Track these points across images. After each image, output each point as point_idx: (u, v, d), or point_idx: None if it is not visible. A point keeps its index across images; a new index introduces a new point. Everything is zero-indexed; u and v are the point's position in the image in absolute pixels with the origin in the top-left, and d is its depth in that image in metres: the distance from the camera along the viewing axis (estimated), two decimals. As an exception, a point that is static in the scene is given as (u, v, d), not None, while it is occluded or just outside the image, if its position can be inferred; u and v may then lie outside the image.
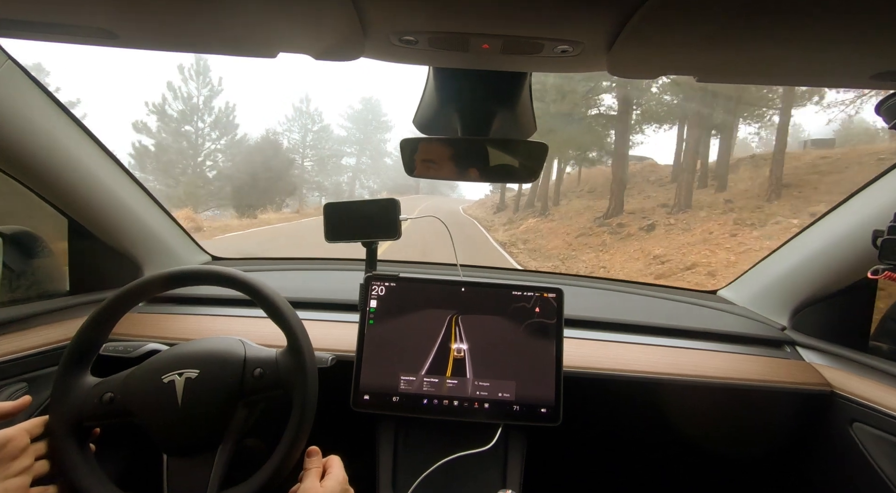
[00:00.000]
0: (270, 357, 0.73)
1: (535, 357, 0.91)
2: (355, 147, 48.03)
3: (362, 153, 48.43)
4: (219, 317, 1.11)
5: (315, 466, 0.68)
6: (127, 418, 0.68)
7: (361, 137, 48.33)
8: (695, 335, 1.14)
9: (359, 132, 48.08)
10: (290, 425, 0.68)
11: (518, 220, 19.77)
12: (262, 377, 0.70)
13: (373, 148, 48.96)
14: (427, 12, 0.49)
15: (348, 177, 47.45)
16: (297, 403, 0.69)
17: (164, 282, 0.74)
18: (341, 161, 45.46)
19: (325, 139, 39.90)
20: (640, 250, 10.81)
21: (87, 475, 0.65)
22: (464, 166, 0.86)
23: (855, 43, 0.49)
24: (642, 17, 0.46)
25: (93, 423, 0.68)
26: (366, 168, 49.45)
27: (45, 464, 0.65)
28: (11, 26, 0.56)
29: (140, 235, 1.16)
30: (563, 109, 14.67)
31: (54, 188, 0.97)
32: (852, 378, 0.98)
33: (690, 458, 1.17)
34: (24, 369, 0.90)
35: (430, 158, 0.87)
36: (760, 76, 0.63)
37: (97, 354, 0.73)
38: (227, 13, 0.50)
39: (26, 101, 0.85)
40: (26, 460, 0.61)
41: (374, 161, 49.88)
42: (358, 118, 48.20)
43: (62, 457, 0.65)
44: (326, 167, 40.56)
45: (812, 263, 1.09)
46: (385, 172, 50.54)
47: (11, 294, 1.04)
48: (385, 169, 50.54)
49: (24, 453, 0.61)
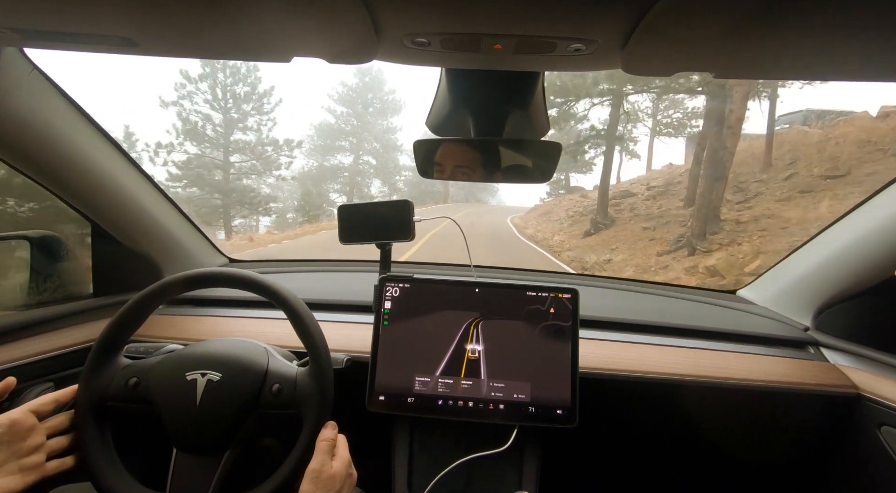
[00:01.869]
0: (290, 375, 0.74)
1: (550, 358, 0.90)
2: (349, 140, 33.86)
3: (360, 147, 34.25)
4: (236, 318, 1.13)
5: (327, 438, 0.68)
6: (147, 406, 0.70)
7: (358, 125, 33.77)
8: (714, 336, 1.12)
9: (355, 119, 33.62)
10: (298, 446, 0.69)
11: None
12: (279, 394, 0.72)
13: (377, 140, 34.64)
14: (439, 14, 0.49)
15: (340, 183, 33.82)
16: (306, 427, 0.70)
17: (185, 283, 0.76)
18: (328, 161, 33.32)
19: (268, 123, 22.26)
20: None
21: (99, 454, 0.67)
22: (477, 167, 0.86)
23: (877, 36, 0.47)
24: (658, 14, 0.45)
25: (115, 404, 0.71)
26: (368, 170, 35.36)
27: (62, 440, 0.67)
28: (37, 37, 0.58)
29: (160, 238, 1.19)
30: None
31: (78, 194, 0.99)
32: (880, 380, 0.95)
33: (709, 461, 1.15)
34: (50, 370, 0.92)
35: (444, 159, 0.87)
36: (781, 71, 0.61)
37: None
38: (243, 20, 0.51)
39: (51, 108, 0.87)
40: (37, 438, 0.63)
41: (381, 159, 35.33)
42: (352, 99, 33.37)
43: (80, 432, 0.68)
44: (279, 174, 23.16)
45: (836, 261, 1.06)
46: (394, 173, 36.83)
47: (39, 297, 1.07)
48: (395, 169, 36.67)
49: (33, 431, 0.63)
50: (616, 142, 17.99)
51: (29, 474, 0.61)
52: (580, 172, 29.12)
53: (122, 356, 0.75)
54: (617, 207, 15.32)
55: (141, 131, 44.04)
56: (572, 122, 15.25)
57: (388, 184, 36.36)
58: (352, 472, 0.70)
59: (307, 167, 33.14)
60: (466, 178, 0.88)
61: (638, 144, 22.71)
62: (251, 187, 22.57)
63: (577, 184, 30.84)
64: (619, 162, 26.22)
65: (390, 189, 36.62)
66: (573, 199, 23.14)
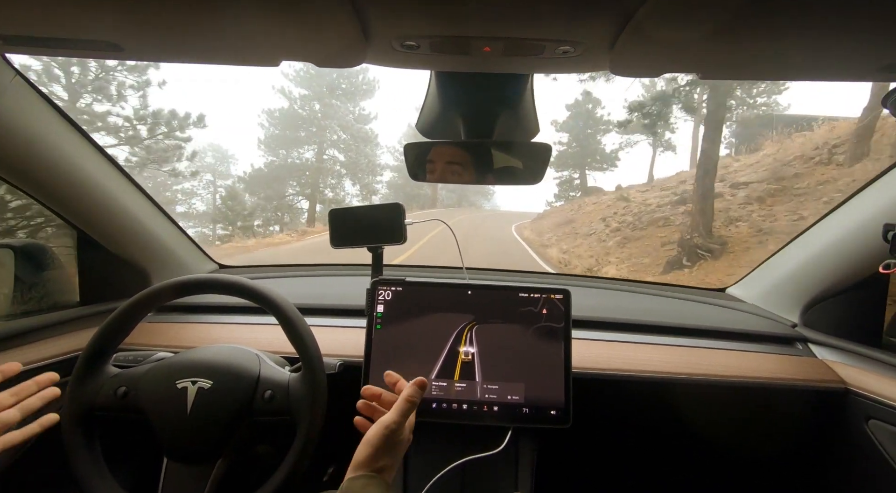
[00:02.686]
0: (283, 381, 0.73)
1: (543, 359, 0.90)
2: (309, 131, 25.80)
3: (326, 139, 26.11)
4: (226, 325, 1.12)
5: (412, 398, 0.67)
6: (137, 415, 0.69)
7: (321, 111, 25.69)
8: (705, 334, 1.13)
9: (317, 102, 25.67)
10: (292, 452, 0.68)
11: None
12: (271, 401, 0.71)
13: (345, 129, 26.42)
14: (428, 18, 0.49)
15: (303, 184, 25.88)
16: (300, 434, 0.69)
17: (175, 290, 0.75)
18: (285, 156, 25.82)
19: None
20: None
21: (87, 464, 0.66)
22: (468, 169, 0.86)
23: (861, 35, 0.48)
24: (644, 16, 0.46)
25: (104, 414, 0.69)
26: (334, 167, 27.04)
27: (12, 412, 0.63)
28: (20, 42, 0.57)
29: (148, 245, 1.17)
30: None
31: (63, 200, 0.98)
32: (867, 375, 0.96)
33: (702, 458, 1.16)
34: None
35: (435, 161, 0.87)
36: (765, 72, 0.63)
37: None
38: (230, 24, 0.51)
39: (35, 114, 0.86)
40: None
41: (352, 154, 26.87)
42: (313, 80, 25.30)
43: (68, 441, 0.67)
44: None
45: (822, 258, 1.08)
46: (369, 171, 28.59)
47: (24, 306, 1.05)
48: (369, 167, 28.34)
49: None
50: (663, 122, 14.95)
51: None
52: (600, 168, 25.59)
53: (110, 365, 0.74)
54: (687, 214, 10.22)
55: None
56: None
57: (362, 184, 28.76)
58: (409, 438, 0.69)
59: (267, 165, 25.81)
60: (457, 180, 0.89)
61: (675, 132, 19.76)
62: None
63: (595, 183, 26.32)
64: (651, 156, 23.61)
65: (365, 191, 29.04)
66: (604, 203, 17.25)
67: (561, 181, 27.27)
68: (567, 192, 26.82)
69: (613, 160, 25.75)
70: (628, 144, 24.76)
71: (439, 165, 0.87)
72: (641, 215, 12.90)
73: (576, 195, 25.64)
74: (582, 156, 26.07)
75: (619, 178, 69.76)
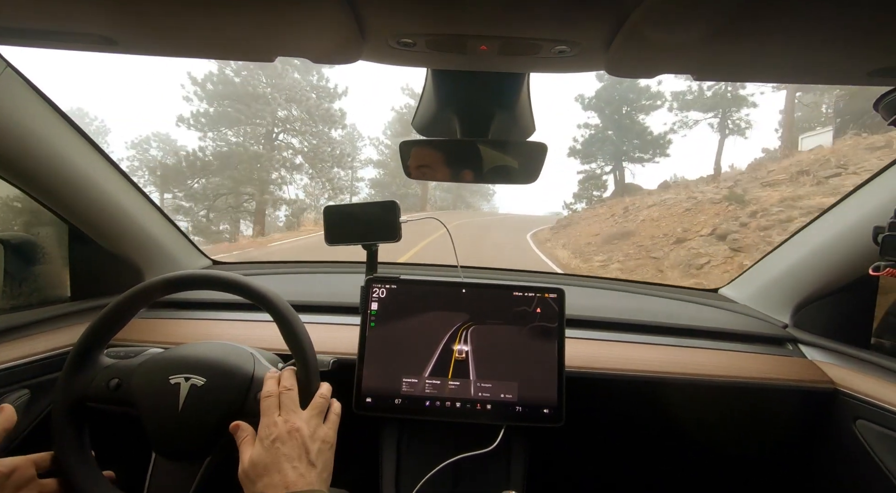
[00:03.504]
0: None
1: (536, 358, 0.90)
2: (248, 106, 19.15)
3: (265, 116, 19.52)
4: (219, 321, 1.11)
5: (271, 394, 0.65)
6: (127, 408, 0.69)
7: (269, 83, 19.85)
8: (697, 334, 1.14)
9: (260, 70, 19.40)
10: None
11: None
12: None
13: (300, 104, 20.12)
14: (425, 15, 0.49)
15: (237, 180, 18.67)
16: None
17: (166, 286, 0.74)
18: (214, 140, 18.81)
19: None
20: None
21: (74, 455, 0.66)
22: (463, 168, 0.87)
23: (852, 40, 0.49)
24: (640, 17, 0.46)
25: (95, 405, 0.69)
26: (285, 159, 20.12)
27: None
28: (11, 34, 0.56)
29: (140, 240, 1.16)
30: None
31: (54, 195, 0.97)
32: (855, 375, 0.98)
33: (694, 457, 1.17)
34: (26, 376, 0.90)
35: (430, 160, 0.87)
36: (758, 74, 0.63)
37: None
38: (225, 18, 0.51)
39: (26, 108, 0.85)
40: (31, 492, 0.61)
41: (312, 139, 20.86)
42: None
43: (56, 431, 0.66)
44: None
45: (813, 260, 1.09)
46: (342, 164, 22.24)
47: (13, 301, 1.04)
48: (334, 160, 21.57)
49: (29, 484, 0.60)
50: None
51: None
52: (640, 159, 18.89)
53: (103, 356, 0.73)
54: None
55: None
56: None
57: (326, 180, 21.00)
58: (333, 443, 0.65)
59: (190, 155, 18.37)
60: (452, 179, 0.89)
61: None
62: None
63: (634, 180, 19.96)
64: (717, 140, 16.79)
65: (331, 191, 21.32)
66: (679, 206, 12.08)
67: (586, 177, 20.55)
68: (589, 191, 20.20)
69: (663, 147, 18.84)
70: (684, 124, 18.09)
71: (434, 163, 0.87)
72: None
73: (600, 195, 19.70)
74: (617, 142, 19.42)
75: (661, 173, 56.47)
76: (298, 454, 0.58)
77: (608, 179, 20.59)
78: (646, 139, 19.15)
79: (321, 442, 0.61)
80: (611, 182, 20.67)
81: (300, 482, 0.55)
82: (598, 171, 20.67)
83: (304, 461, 0.58)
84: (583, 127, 20.46)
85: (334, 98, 21.61)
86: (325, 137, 21.64)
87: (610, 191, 20.32)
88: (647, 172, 23.72)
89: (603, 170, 20.47)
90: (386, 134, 31.05)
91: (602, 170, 20.46)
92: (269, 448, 0.58)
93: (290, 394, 0.65)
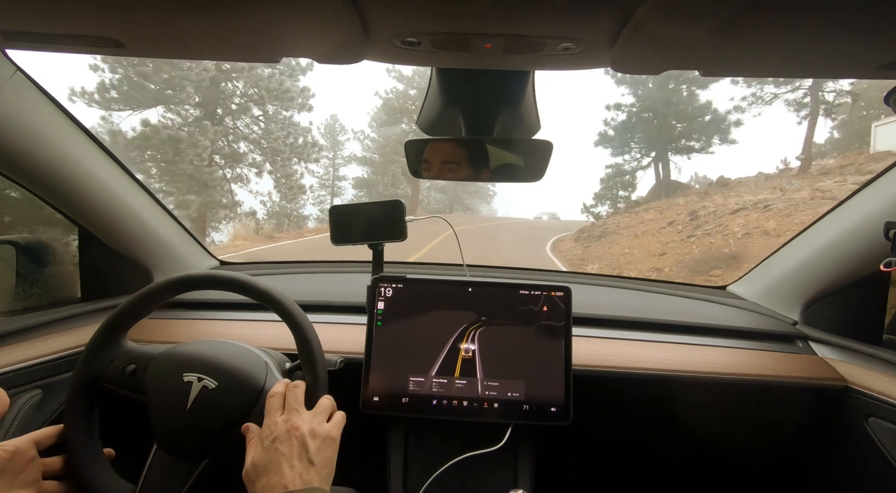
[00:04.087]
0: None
1: (543, 356, 0.90)
2: (171, 75, 13.98)
3: (194, 96, 14.32)
4: (227, 321, 1.12)
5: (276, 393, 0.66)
6: (139, 395, 0.71)
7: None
8: (705, 332, 1.13)
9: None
10: None
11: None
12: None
13: (248, 83, 15.51)
14: (429, 14, 0.49)
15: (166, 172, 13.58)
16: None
17: (175, 286, 0.75)
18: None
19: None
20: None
21: (81, 432, 0.68)
22: (469, 166, 0.87)
23: (861, 33, 0.48)
24: (645, 14, 0.46)
25: (109, 387, 0.71)
26: (230, 151, 15.43)
27: (54, 484, 0.65)
28: (21, 38, 0.57)
29: (149, 241, 1.17)
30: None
31: (64, 197, 0.98)
32: (867, 372, 0.96)
33: (702, 456, 1.16)
34: (38, 376, 0.91)
35: (435, 158, 0.87)
36: (766, 69, 0.62)
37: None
38: (231, 21, 0.51)
39: (36, 111, 0.86)
40: (34, 472, 0.61)
41: (269, 126, 16.26)
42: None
43: (68, 405, 0.68)
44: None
45: (823, 256, 1.08)
46: (302, 156, 17.47)
47: (26, 302, 1.06)
48: (295, 149, 16.91)
49: (32, 464, 0.61)
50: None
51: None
52: (689, 148, 14.09)
53: (127, 340, 0.76)
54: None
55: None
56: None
57: (282, 175, 17.08)
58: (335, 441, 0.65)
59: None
60: (457, 177, 0.89)
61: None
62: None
63: (679, 176, 15.51)
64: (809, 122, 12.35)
65: (287, 190, 17.85)
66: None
67: (613, 173, 15.69)
68: (613, 190, 15.06)
69: (724, 131, 13.94)
70: (758, 99, 13.17)
71: (440, 161, 0.87)
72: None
73: (627, 195, 14.73)
74: (660, 126, 14.66)
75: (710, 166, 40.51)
76: (298, 453, 0.58)
77: (641, 175, 15.62)
78: (699, 122, 14.22)
79: (322, 439, 0.61)
80: (644, 179, 15.78)
81: (297, 481, 0.55)
82: (629, 166, 15.23)
83: (304, 460, 0.58)
84: (613, 109, 15.56)
85: (296, 73, 16.60)
86: (283, 122, 16.28)
87: (642, 191, 15.46)
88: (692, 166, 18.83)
89: (639, 163, 14.91)
90: (371, 126, 26.30)
91: (638, 163, 14.86)
92: (269, 449, 0.59)
93: (294, 392, 0.66)
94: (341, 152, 25.63)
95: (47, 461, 0.65)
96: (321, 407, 0.66)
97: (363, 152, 26.58)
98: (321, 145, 19.36)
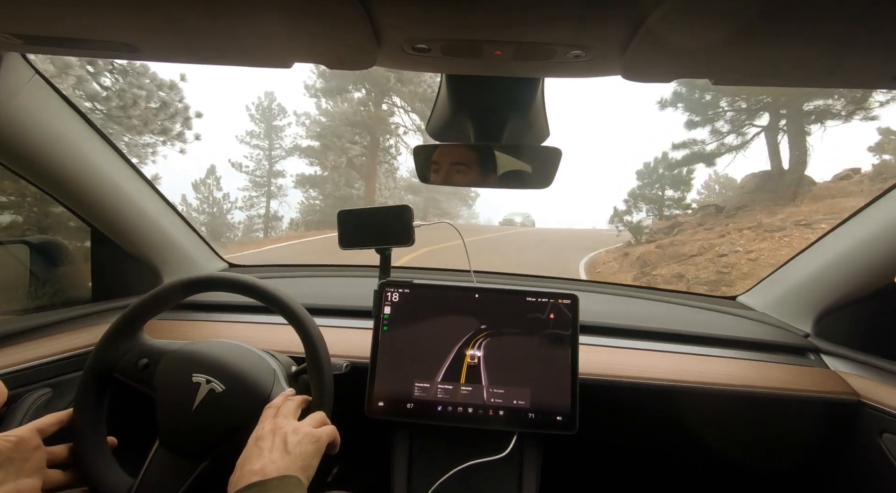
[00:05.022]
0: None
1: (550, 364, 0.90)
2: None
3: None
4: (235, 323, 1.13)
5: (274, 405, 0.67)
6: (147, 389, 0.72)
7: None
8: (714, 342, 1.12)
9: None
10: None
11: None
12: None
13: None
14: (440, 21, 0.50)
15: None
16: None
17: (190, 286, 0.76)
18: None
19: None
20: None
21: (88, 421, 0.69)
22: (477, 172, 0.87)
23: (876, 42, 0.47)
24: (656, 21, 0.45)
25: (120, 378, 0.73)
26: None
27: (58, 472, 0.65)
28: (39, 42, 0.58)
29: (159, 243, 1.19)
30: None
31: (78, 199, 0.99)
32: (881, 387, 0.94)
33: (710, 468, 1.14)
34: (48, 375, 0.92)
35: (444, 164, 0.88)
36: (778, 78, 0.62)
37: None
38: (244, 27, 0.52)
39: (53, 113, 0.87)
40: (39, 460, 0.62)
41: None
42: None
43: (79, 391, 0.69)
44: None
45: (836, 267, 1.06)
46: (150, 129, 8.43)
47: (38, 301, 1.07)
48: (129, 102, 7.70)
49: (36, 452, 0.61)
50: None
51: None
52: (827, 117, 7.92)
53: (143, 333, 0.77)
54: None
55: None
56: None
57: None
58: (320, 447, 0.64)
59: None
60: (465, 182, 0.89)
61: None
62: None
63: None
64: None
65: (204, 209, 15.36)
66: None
67: (648, 179, 10.91)
68: (656, 188, 10.40)
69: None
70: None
71: (448, 167, 0.87)
72: None
73: (679, 196, 10.49)
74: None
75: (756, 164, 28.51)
76: (276, 445, 0.60)
77: (730, 159, 10.25)
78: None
79: (304, 435, 0.62)
80: (732, 167, 10.53)
81: (270, 467, 0.56)
82: (703, 148, 9.65)
83: (279, 450, 0.59)
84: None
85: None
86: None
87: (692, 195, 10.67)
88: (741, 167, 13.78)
89: (743, 136, 9.48)
90: (320, 107, 18.87)
91: (743, 137, 9.42)
92: (252, 447, 0.60)
93: (288, 404, 0.67)
94: (280, 142, 20.12)
95: (52, 449, 0.65)
96: (314, 417, 0.67)
97: (309, 139, 19.72)
98: (287, 146, 16.48)
